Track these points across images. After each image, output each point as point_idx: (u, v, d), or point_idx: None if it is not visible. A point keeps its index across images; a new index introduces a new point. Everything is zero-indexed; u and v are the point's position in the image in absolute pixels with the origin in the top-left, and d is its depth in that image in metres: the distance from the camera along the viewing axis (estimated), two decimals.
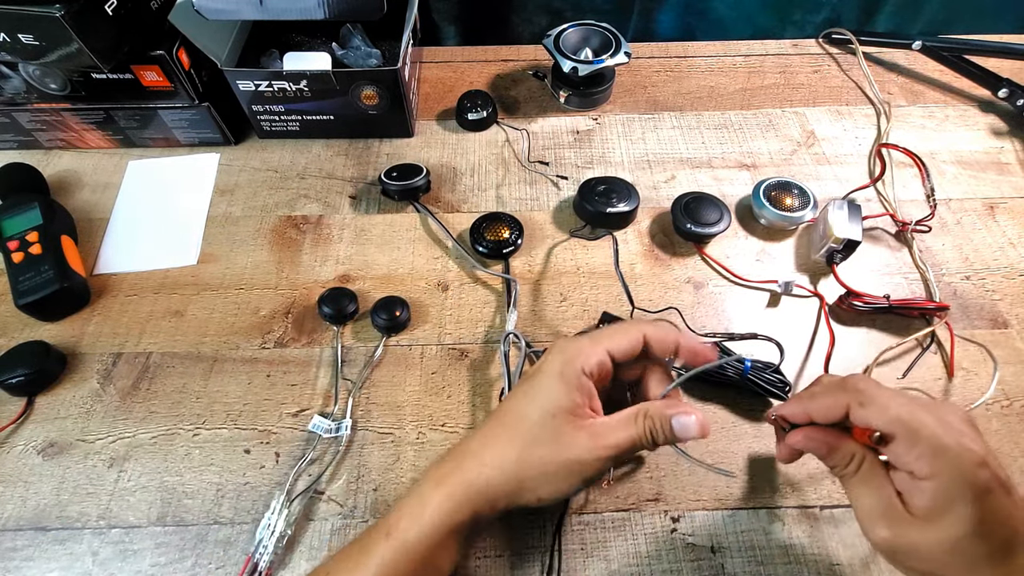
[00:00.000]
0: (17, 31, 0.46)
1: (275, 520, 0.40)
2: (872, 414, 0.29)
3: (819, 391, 0.33)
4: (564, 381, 0.32)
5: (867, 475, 0.30)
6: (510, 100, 0.68)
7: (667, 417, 0.32)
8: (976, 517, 0.26)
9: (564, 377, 0.32)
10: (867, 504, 0.30)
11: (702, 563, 0.39)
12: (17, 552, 0.39)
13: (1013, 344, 0.48)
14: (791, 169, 0.61)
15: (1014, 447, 0.43)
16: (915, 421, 0.28)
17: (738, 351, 0.46)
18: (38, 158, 0.61)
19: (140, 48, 0.53)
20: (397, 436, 0.44)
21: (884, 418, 0.29)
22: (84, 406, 0.46)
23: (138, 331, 0.50)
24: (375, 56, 0.65)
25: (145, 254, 0.55)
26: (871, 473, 0.30)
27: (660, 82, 0.70)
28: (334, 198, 0.59)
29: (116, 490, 0.42)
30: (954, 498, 0.27)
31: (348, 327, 0.50)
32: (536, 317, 0.50)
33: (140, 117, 0.59)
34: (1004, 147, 0.63)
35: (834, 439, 0.32)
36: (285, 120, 0.61)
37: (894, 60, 0.72)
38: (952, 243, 0.55)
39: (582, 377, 0.33)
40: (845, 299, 0.49)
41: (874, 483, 0.30)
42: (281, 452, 0.43)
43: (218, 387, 0.47)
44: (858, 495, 0.30)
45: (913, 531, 0.28)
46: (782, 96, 0.69)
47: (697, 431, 0.32)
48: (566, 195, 0.59)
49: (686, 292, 0.52)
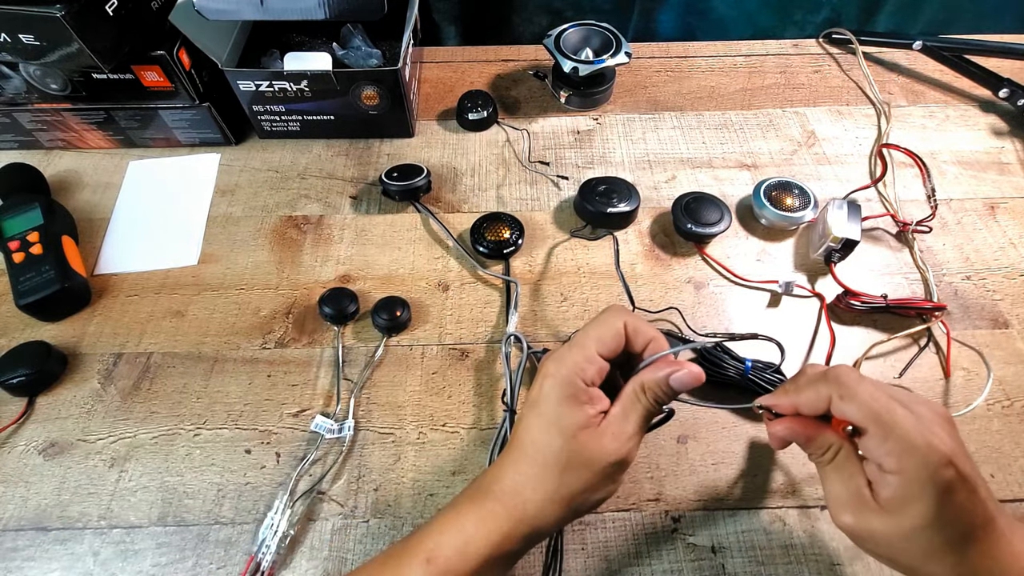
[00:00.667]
0: (18, 31, 0.46)
1: (278, 520, 0.40)
2: (849, 408, 0.31)
3: (803, 383, 0.34)
4: (572, 402, 0.32)
5: (841, 464, 0.31)
6: (510, 100, 0.68)
7: (664, 380, 0.33)
8: (933, 513, 0.28)
9: (571, 399, 0.32)
10: (836, 491, 0.31)
11: (702, 563, 0.39)
12: (18, 552, 0.40)
13: (1013, 344, 0.48)
14: (791, 169, 0.61)
15: (1014, 447, 0.43)
16: (888, 417, 0.29)
17: (739, 351, 0.46)
18: (39, 158, 0.61)
19: (140, 48, 0.53)
20: (398, 436, 0.44)
21: (860, 412, 0.30)
22: (85, 406, 0.46)
23: (139, 331, 0.50)
24: (375, 56, 0.65)
25: (146, 254, 0.55)
26: (845, 462, 0.31)
27: (660, 82, 0.70)
28: (335, 198, 0.59)
29: (117, 490, 0.42)
30: (915, 494, 0.28)
31: (349, 327, 0.50)
32: (537, 317, 0.50)
33: (141, 117, 0.59)
34: (1005, 147, 0.63)
35: (813, 429, 0.33)
36: (286, 120, 0.61)
37: (894, 60, 0.72)
38: (953, 243, 0.55)
39: (586, 391, 0.33)
40: (843, 298, 0.49)
41: (846, 472, 0.31)
42: (282, 452, 0.43)
43: (219, 387, 0.47)
44: (830, 481, 0.32)
45: (874, 519, 0.29)
46: (782, 96, 0.69)
47: (693, 380, 0.33)
48: (567, 195, 0.59)
49: (687, 292, 0.52)
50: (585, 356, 0.33)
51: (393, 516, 0.41)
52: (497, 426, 0.44)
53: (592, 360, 0.33)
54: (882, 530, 0.29)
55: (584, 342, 0.34)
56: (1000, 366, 0.47)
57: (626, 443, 0.33)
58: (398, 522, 0.41)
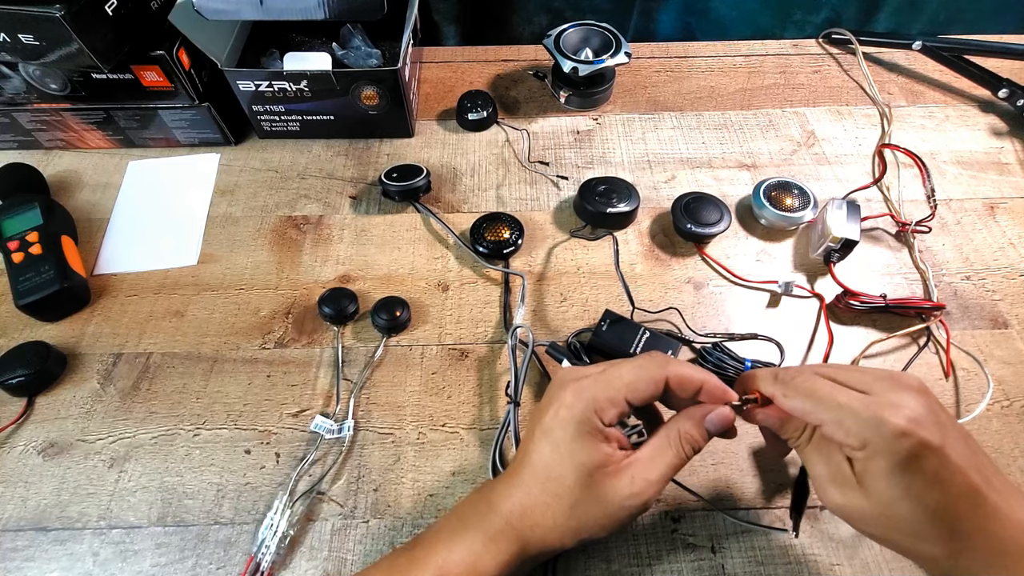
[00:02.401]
0: (17, 31, 0.46)
1: (277, 520, 0.40)
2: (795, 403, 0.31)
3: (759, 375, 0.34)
4: (589, 439, 0.32)
5: (818, 443, 0.32)
6: (510, 100, 0.68)
7: (700, 425, 0.32)
8: (900, 484, 0.28)
9: (587, 436, 0.32)
10: (819, 471, 0.31)
11: (702, 563, 0.39)
12: (17, 552, 0.39)
13: (1013, 344, 0.48)
14: (791, 169, 0.61)
15: (1014, 447, 0.43)
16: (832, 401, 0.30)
17: (738, 351, 0.46)
18: (38, 158, 0.61)
19: (140, 48, 0.53)
20: (397, 436, 0.44)
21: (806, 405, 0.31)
22: (84, 406, 0.46)
23: (138, 331, 0.50)
24: (375, 56, 0.65)
25: (145, 254, 0.55)
26: (821, 442, 0.31)
27: (660, 82, 0.70)
28: (334, 198, 0.59)
29: (116, 490, 0.42)
30: (880, 468, 0.28)
31: (348, 327, 0.50)
32: (536, 317, 0.50)
33: (140, 117, 0.59)
34: (1004, 147, 0.63)
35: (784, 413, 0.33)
36: (285, 120, 0.61)
37: (894, 60, 0.72)
38: (952, 243, 0.55)
39: (603, 430, 0.32)
40: (842, 298, 0.49)
41: (824, 451, 0.31)
42: (281, 452, 0.43)
43: (218, 387, 0.47)
44: (812, 463, 0.32)
45: (857, 497, 0.29)
46: (782, 96, 0.69)
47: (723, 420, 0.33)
48: (566, 195, 0.59)
49: (686, 292, 0.52)
50: (609, 398, 0.32)
51: (393, 516, 0.41)
52: (499, 424, 0.44)
53: (616, 404, 0.32)
54: (865, 507, 0.29)
55: (614, 383, 0.33)
56: (999, 366, 0.47)
57: (647, 489, 0.32)
58: (398, 522, 0.41)
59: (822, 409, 0.30)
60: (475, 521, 0.33)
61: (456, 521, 0.34)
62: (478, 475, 0.42)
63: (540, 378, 0.47)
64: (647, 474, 0.32)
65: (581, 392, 0.32)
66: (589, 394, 0.32)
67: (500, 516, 0.33)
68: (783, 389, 0.32)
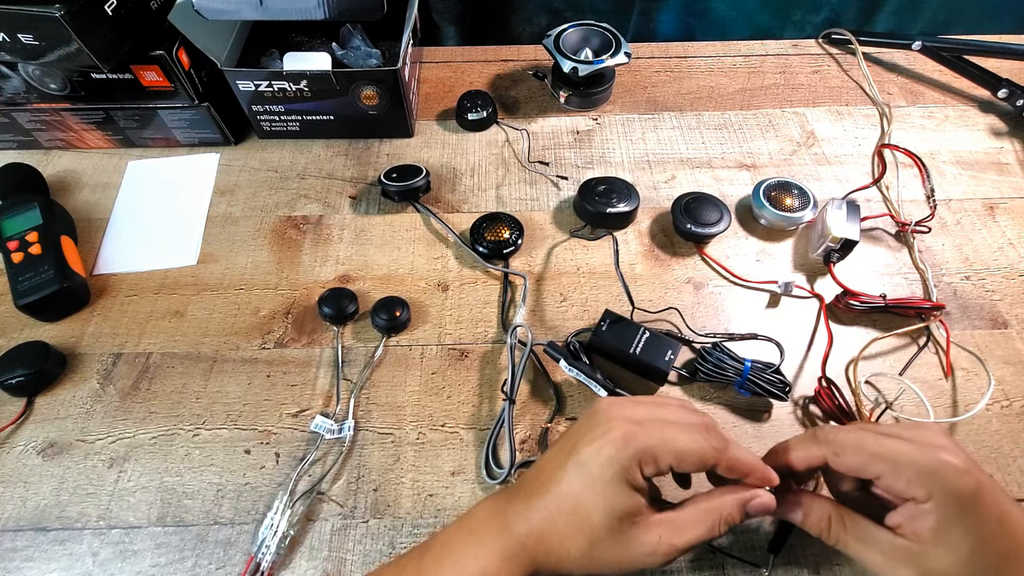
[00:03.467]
0: (17, 31, 0.46)
1: (277, 520, 0.40)
2: (849, 459, 0.31)
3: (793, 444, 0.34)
4: (626, 486, 0.31)
5: (857, 530, 0.31)
6: (510, 100, 0.68)
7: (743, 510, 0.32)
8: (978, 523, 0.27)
9: (626, 483, 0.31)
10: (876, 558, 0.30)
11: (702, 563, 0.39)
12: (17, 552, 0.39)
13: (1013, 344, 0.48)
14: (791, 169, 0.61)
15: (1014, 447, 0.43)
16: (888, 454, 0.29)
17: (738, 351, 0.46)
18: (38, 158, 0.61)
19: (140, 48, 0.53)
20: (397, 436, 0.44)
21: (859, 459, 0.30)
22: (84, 406, 0.46)
23: (138, 331, 0.50)
24: (375, 56, 0.65)
25: (145, 254, 0.55)
26: (859, 526, 0.31)
27: (660, 82, 0.70)
28: (334, 198, 0.59)
29: (116, 490, 0.42)
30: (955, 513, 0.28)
31: (348, 327, 0.50)
32: (536, 317, 0.50)
33: (140, 117, 0.59)
34: (1004, 147, 0.63)
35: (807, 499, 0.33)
36: (285, 120, 0.61)
37: (894, 60, 0.72)
38: (952, 243, 0.55)
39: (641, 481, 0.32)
40: (842, 298, 0.49)
41: (869, 534, 0.31)
42: (281, 452, 0.43)
43: (218, 387, 0.47)
44: (861, 552, 0.31)
45: (931, 559, 0.28)
46: (782, 96, 0.69)
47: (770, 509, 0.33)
48: (566, 195, 0.59)
49: (686, 292, 0.52)
50: (657, 456, 0.31)
51: (392, 516, 0.41)
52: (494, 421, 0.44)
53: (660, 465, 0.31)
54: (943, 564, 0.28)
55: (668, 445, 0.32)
56: (999, 366, 0.47)
57: (671, 553, 0.31)
58: (397, 522, 0.41)
59: (877, 460, 0.30)
60: (488, 538, 0.32)
61: (467, 534, 0.33)
62: (478, 475, 0.42)
63: (537, 377, 0.47)
64: (675, 539, 0.31)
65: (632, 439, 0.31)
66: (641, 444, 0.31)
67: (516, 537, 0.32)
68: (831, 448, 0.31)
